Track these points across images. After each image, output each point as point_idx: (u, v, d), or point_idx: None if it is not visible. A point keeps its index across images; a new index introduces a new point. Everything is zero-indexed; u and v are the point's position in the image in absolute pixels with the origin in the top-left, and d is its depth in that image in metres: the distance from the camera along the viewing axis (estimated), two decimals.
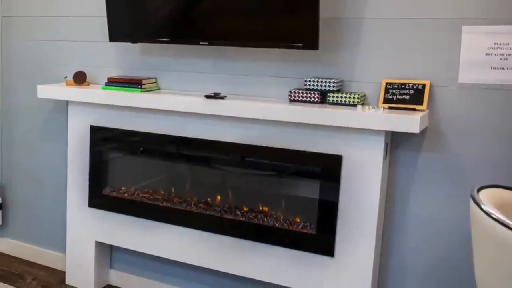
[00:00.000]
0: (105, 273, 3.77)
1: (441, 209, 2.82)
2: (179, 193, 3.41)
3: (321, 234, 2.92)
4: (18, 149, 4.11)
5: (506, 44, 2.55)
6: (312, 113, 2.75)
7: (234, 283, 3.39)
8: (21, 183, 4.12)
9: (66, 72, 3.75)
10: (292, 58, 3.06)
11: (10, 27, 3.99)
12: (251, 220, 3.13)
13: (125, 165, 3.63)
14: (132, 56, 3.54)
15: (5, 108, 4.11)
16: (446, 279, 2.84)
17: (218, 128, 3.13)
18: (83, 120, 3.54)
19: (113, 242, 3.56)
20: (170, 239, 3.37)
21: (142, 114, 3.33)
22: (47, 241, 4.04)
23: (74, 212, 3.67)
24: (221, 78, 3.28)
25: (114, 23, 3.32)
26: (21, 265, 4.03)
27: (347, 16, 2.88)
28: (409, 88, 2.74)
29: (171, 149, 3.36)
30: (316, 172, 2.92)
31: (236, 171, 3.28)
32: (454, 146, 2.75)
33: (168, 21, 3.24)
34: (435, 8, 2.70)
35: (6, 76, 4.07)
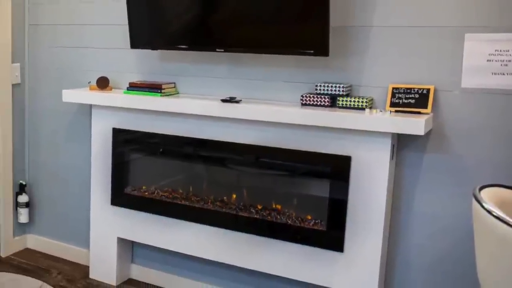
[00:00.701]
0: (127, 268, 3.81)
1: (444, 207, 2.85)
2: (196, 192, 3.45)
3: (331, 230, 2.97)
4: (44, 150, 4.14)
5: (506, 51, 2.59)
6: (322, 116, 2.80)
7: (249, 277, 3.43)
8: (47, 183, 4.16)
9: (89, 77, 3.81)
10: (304, 64, 3.09)
11: (37, 34, 4.04)
12: (265, 217, 3.18)
13: (145, 165, 3.66)
14: (152, 62, 3.58)
15: (32, 111, 4.16)
16: (450, 273, 2.87)
17: (234, 130, 3.17)
18: (106, 123, 3.59)
19: (134, 238, 3.61)
20: (188, 236, 3.41)
21: (162, 117, 3.38)
22: (71, 237, 4.09)
23: (97, 210, 3.72)
24: (236, 83, 3.32)
25: (135, 31, 3.37)
26: (47, 260, 4.08)
27: (355, 24, 2.93)
28: (414, 93, 2.77)
29: (189, 150, 3.39)
30: (326, 172, 2.96)
31: (251, 171, 3.30)
32: (457, 147, 2.79)
33: (186, 29, 3.26)
34: (439, 17, 2.74)
35: (33, 81, 4.12)
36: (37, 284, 2.87)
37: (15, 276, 2.97)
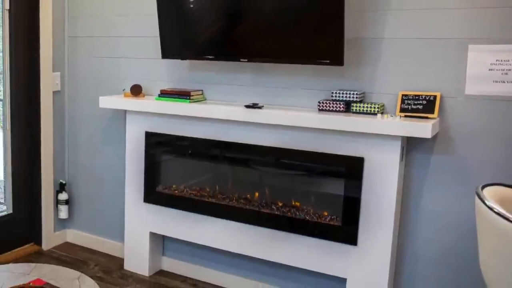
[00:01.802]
0: (158, 260, 3.86)
1: (450, 204, 2.90)
2: (222, 190, 3.50)
3: (345, 226, 3.02)
4: (82, 152, 4.21)
5: (506, 60, 2.64)
6: (338, 120, 2.85)
7: (270, 269, 3.48)
8: (85, 182, 4.24)
9: (124, 85, 3.89)
10: (321, 73, 3.14)
11: (76, 45, 4.11)
12: (285, 213, 3.23)
13: (175, 166, 3.69)
14: (181, 71, 3.63)
15: (71, 116, 4.22)
16: (454, 265, 2.93)
17: (256, 133, 3.23)
18: (139, 127, 3.65)
19: (165, 232, 3.66)
20: (214, 230, 3.47)
21: (190, 122, 3.43)
22: (107, 232, 4.17)
23: (131, 207, 3.78)
24: (259, 90, 3.36)
25: (166, 42, 3.43)
26: (85, 253, 4.15)
27: (368, 36, 2.98)
28: (422, 99, 2.82)
29: (215, 152, 3.43)
30: (341, 172, 3.01)
31: (272, 171, 3.34)
32: (461, 149, 2.83)
33: (212, 41, 3.30)
34: (444, 29, 2.79)
35: (72, 89, 4.18)
36: (76, 275, 2.88)
37: (55, 267, 2.98)
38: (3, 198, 4.18)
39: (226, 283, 3.65)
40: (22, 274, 2.89)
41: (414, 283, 3.07)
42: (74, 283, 2.81)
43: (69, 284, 2.77)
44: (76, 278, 2.87)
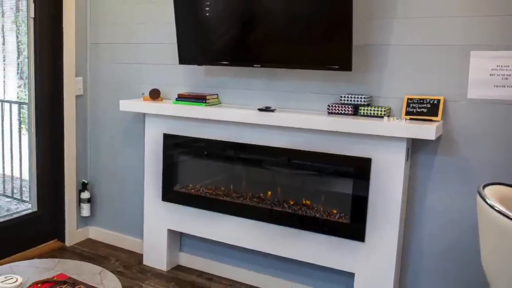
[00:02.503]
0: (176, 255, 3.90)
1: (453, 203, 2.92)
2: (236, 189, 3.53)
3: (354, 223, 3.04)
4: (103, 153, 4.25)
5: (506, 66, 2.67)
6: (346, 123, 2.87)
7: (282, 264, 3.50)
8: (106, 181, 4.28)
9: (143, 89, 3.92)
10: (330, 78, 3.17)
11: (98, 52, 4.15)
12: (296, 211, 3.25)
13: (192, 166, 3.72)
14: (198, 76, 3.66)
15: (93, 119, 4.26)
16: (457, 260, 2.95)
17: (269, 135, 3.25)
18: (157, 129, 3.67)
19: (182, 229, 3.69)
20: (229, 227, 3.49)
21: (206, 124, 3.46)
22: (127, 229, 4.20)
23: (150, 205, 3.81)
24: (271, 94, 3.38)
25: (183, 49, 3.46)
26: (107, 249, 4.19)
27: (375, 43, 3.01)
28: (426, 103, 2.84)
29: (230, 153, 3.45)
30: (350, 172, 3.03)
31: (284, 171, 3.35)
32: (463, 150, 2.85)
33: (227, 48, 3.32)
34: (448, 36, 2.82)
35: (94, 93, 4.22)
36: (98, 270, 2.81)
37: (78, 262, 2.91)
38: (29, 197, 4.24)
39: (240, 277, 3.67)
40: (46, 269, 2.76)
41: (419, 277, 3.07)
42: (96, 277, 2.70)
43: (91, 279, 2.67)
44: (98, 273, 2.76)
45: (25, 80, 4.09)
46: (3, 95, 4.57)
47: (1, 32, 4.24)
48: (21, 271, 2.72)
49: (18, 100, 4.53)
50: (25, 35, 3.95)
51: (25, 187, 4.51)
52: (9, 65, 4.31)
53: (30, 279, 2.60)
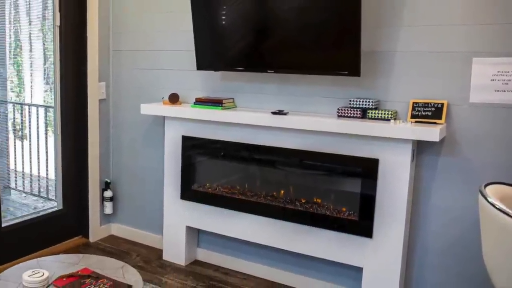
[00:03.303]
0: (194, 251, 3.93)
1: (456, 201, 2.94)
2: (251, 188, 3.55)
3: (362, 220, 3.06)
4: (125, 154, 4.29)
5: (506, 72, 2.69)
6: (355, 126, 2.90)
7: (294, 259, 3.52)
8: (127, 181, 4.31)
9: (163, 93, 3.93)
10: (340, 83, 3.19)
11: (119, 58, 4.18)
12: (307, 209, 3.27)
13: (209, 166, 3.74)
14: (214, 81, 3.68)
15: (116, 122, 4.29)
16: (460, 255, 2.97)
17: (282, 137, 3.27)
18: (176, 131, 3.70)
19: (200, 226, 3.72)
20: (244, 224, 3.52)
21: (222, 127, 3.49)
22: (148, 225, 4.23)
23: (169, 203, 3.84)
24: (284, 98, 3.40)
25: (200, 55, 3.49)
26: (128, 245, 4.23)
27: (382, 50, 3.03)
28: (431, 106, 2.86)
29: (244, 154, 3.47)
30: (358, 172, 3.05)
31: (296, 171, 3.35)
32: (466, 152, 2.87)
33: (242, 54, 3.34)
34: (451, 44, 2.84)
35: (116, 97, 4.25)
36: (120, 265, 2.82)
37: (101, 257, 2.92)
38: (55, 195, 4.28)
39: (254, 271, 3.69)
40: (71, 264, 2.78)
41: (424, 271, 3.09)
42: (118, 271, 2.72)
43: (113, 273, 2.68)
44: (120, 268, 2.78)
45: (51, 85, 4.16)
46: (31, 99, 4.60)
47: (29, 40, 4.28)
48: (47, 265, 2.75)
49: (45, 103, 4.57)
50: (51, 43, 4.00)
51: (51, 186, 4.53)
52: (36, 71, 4.37)
53: (56, 273, 2.64)
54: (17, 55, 4.33)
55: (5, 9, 3.97)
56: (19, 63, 4.36)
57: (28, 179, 4.88)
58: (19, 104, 4.67)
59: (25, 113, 4.72)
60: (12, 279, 2.60)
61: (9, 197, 4.75)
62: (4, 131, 4.43)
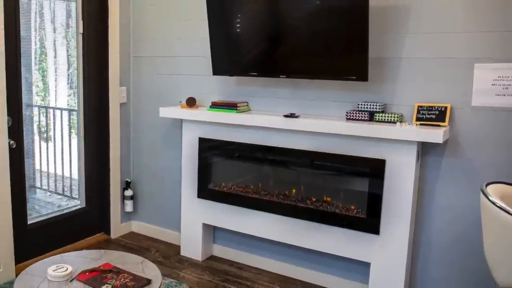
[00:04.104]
0: (210, 247, 3.96)
1: (458, 199, 2.95)
2: (264, 187, 3.58)
3: (369, 218, 3.08)
4: (145, 155, 4.31)
5: (506, 77, 2.72)
6: (363, 128, 2.92)
7: (305, 254, 3.55)
8: (147, 180, 4.34)
9: (180, 97, 3.99)
10: (348, 87, 3.21)
11: (140, 64, 4.21)
12: (317, 207, 3.29)
13: (224, 167, 3.74)
14: (230, 86, 3.71)
15: (136, 124, 4.32)
16: (462, 251, 2.99)
17: (293, 139, 3.29)
18: (193, 133, 3.72)
19: (215, 223, 3.75)
20: (258, 222, 3.54)
21: (237, 129, 3.51)
22: (166, 223, 4.26)
23: (186, 202, 3.86)
24: (296, 102, 3.42)
25: (216, 61, 3.51)
26: (148, 241, 4.25)
27: (389, 56, 3.06)
28: (435, 110, 2.89)
29: (258, 155, 3.48)
30: (366, 172, 3.07)
31: (306, 171, 3.36)
32: (468, 152, 2.89)
33: (256, 60, 3.35)
34: (454, 50, 2.86)
35: (136, 101, 4.28)
36: (140, 260, 2.82)
37: (122, 253, 2.92)
38: (78, 194, 4.26)
39: (268, 266, 3.72)
40: (93, 259, 2.80)
41: (428, 266, 3.10)
42: (138, 266, 2.72)
43: (133, 268, 2.69)
44: (139, 263, 2.79)
45: (75, 89, 4.12)
46: (55, 103, 4.58)
47: (53, 46, 4.21)
48: (71, 260, 2.80)
49: (68, 107, 4.55)
50: (74, 49, 4.01)
51: (74, 185, 4.52)
52: (60, 76, 4.33)
53: (79, 268, 2.68)
54: (42, 61, 4.28)
55: (31, 18, 3.94)
56: (44, 69, 4.32)
57: (52, 178, 4.85)
58: (44, 107, 4.64)
59: (50, 116, 4.69)
60: (37, 273, 2.63)
61: (34, 196, 4.73)
62: (30, 133, 4.37)
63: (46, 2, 3.96)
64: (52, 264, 2.73)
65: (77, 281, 2.56)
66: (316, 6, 3.01)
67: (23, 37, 3.50)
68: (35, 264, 2.78)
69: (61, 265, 2.63)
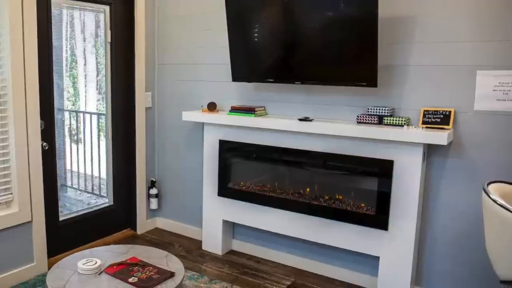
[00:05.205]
0: (229, 242, 4.00)
1: (462, 197, 2.97)
2: (280, 186, 3.60)
3: (379, 215, 3.11)
4: (169, 156, 4.34)
5: (507, 83, 2.75)
6: (373, 131, 2.95)
7: (318, 249, 3.58)
8: (171, 180, 4.37)
9: (202, 102, 4.02)
10: (359, 93, 3.23)
11: (164, 71, 4.25)
12: (330, 205, 3.31)
13: (243, 167, 3.77)
14: (248, 91, 3.74)
15: (160, 127, 4.36)
16: (465, 246, 3.01)
17: (307, 141, 3.31)
18: (214, 136, 3.76)
19: (235, 220, 3.79)
20: (274, 218, 3.57)
21: (255, 132, 3.54)
22: (189, 219, 4.31)
23: (208, 200, 3.90)
24: (310, 106, 3.44)
25: (235, 69, 3.55)
26: (171, 236, 4.29)
27: (397, 64, 3.08)
28: (440, 114, 2.91)
29: (274, 156, 3.50)
30: (375, 172, 3.10)
31: (320, 171, 3.36)
32: (471, 154, 2.91)
33: (273, 68, 3.37)
34: (457, 58, 2.89)
35: (161, 105, 4.32)
36: (164, 254, 2.84)
37: (148, 248, 2.94)
38: (106, 192, 4.32)
39: (283, 260, 3.75)
40: (121, 253, 2.82)
41: (433, 260, 3.13)
42: (162, 260, 2.74)
43: (158, 261, 2.71)
44: (164, 257, 2.80)
45: (103, 94, 4.14)
46: (85, 107, 4.65)
47: (83, 55, 4.24)
48: (99, 255, 2.83)
49: (97, 111, 4.58)
50: (103, 57, 4.05)
51: (103, 184, 4.56)
52: (89, 82, 4.39)
53: (107, 262, 2.71)
54: (73, 68, 4.32)
55: (62, 28, 3.98)
56: (74, 76, 4.37)
57: (82, 178, 4.89)
58: (74, 111, 4.70)
59: (80, 119, 4.76)
60: (68, 267, 2.68)
61: (65, 194, 4.79)
62: (62, 135, 4.42)
63: (76, 13, 3.99)
64: (82, 258, 2.77)
65: (105, 274, 2.59)
66: (329, 17, 3.03)
67: (55, 46, 3.57)
68: (66, 258, 2.83)
69: (91, 259, 2.67)
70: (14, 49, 3.16)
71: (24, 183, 3.33)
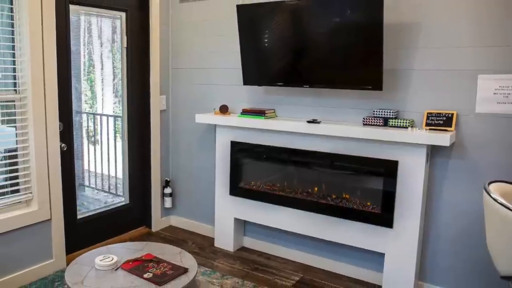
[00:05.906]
0: (241, 239, 4.04)
1: (463, 196, 2.99)
2: (289, 186, 3.60)
3: (384, 213, 3.13)
4: (182, 157, 4.37)
5: (507, 87, 2.77)
6: (378, 132, 2.97)
7: (326, 246, 3.60)
8: (184, 179, 4.40)
9: (214, 105, 4.05)
10: (365, 96, 3.25)
11: (178, 75, 4.28)
12: (337, 203, 3.33)
13: (253, 167, 3.78)
14: (258, 95, 3.76)
15: (174, 129, 4.39)
16: (467, 243, 3.03)
17: (315, 142, 3.33)
18: (226, 137, 3.79)
19: (246, 218, 3.82)
20: (284, 216, 3.59)
21: (265, 133, 3.56)
22: (202, 217, 4.34)
23: (220, 198, 3.94)
24: (318, 109, 3.45)
25: (246, 73, 3.57)
26: (185, 234, 4.32)
27: (401, 68, 3.10)
28: (442, 116, 2.93)
29: (283, 156, 3.52)
30: (380, 172, 3.11)
31: (327, 171, 3.37)
32: (472, 155, 2.93)
33: (282, 72, 3.38)
34: (460, 63, 2.91)
35: (174, 108, 4.34)
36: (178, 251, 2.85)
37: (162, 245, 2.95)
38: (122, 192, 4.34)
39: (292, 256, 3.77)
40: (136, 250, 2.84)
41: (436, 257, 3.15)
42: (176, 257, 2.76)
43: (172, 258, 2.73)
44: (178, 253, 2.81)
45: (119, 97, 4.17)
46: (102, 109, 4.69)
47: (100, 59, 4.27)
48: (116, 251, 2.85)
49: (114, 114, 4.61)
50: (119, 62, 4.09)
51: (119, 184, 4.58)
52: (106, 86, 4.43)
53: (123, 258, 2.73)
54: (90, 73, 4.33)
55: (80, 33, 4.01)
56: (92, 79, 4.38)
57: (99, 178, 4.93)
58: (92, 114, 4.73)
59: (97, 121, 4.79)
60: (86, 263, 2.71)
61: (83, 193, 4.82)
62: (80, 137, 4.50)
63: (93, 19, 4.02)
64: (99, 254, 2.80)
65: (121, 269, 2.61)
66: (336, 23, 3.05)
67: (73, 51, 3.60)
68: (84, 255, 2.85)
69: (107, 255, 2.70)
70: (34, 54, 3.20)
71: (43, 182, 3.36)
